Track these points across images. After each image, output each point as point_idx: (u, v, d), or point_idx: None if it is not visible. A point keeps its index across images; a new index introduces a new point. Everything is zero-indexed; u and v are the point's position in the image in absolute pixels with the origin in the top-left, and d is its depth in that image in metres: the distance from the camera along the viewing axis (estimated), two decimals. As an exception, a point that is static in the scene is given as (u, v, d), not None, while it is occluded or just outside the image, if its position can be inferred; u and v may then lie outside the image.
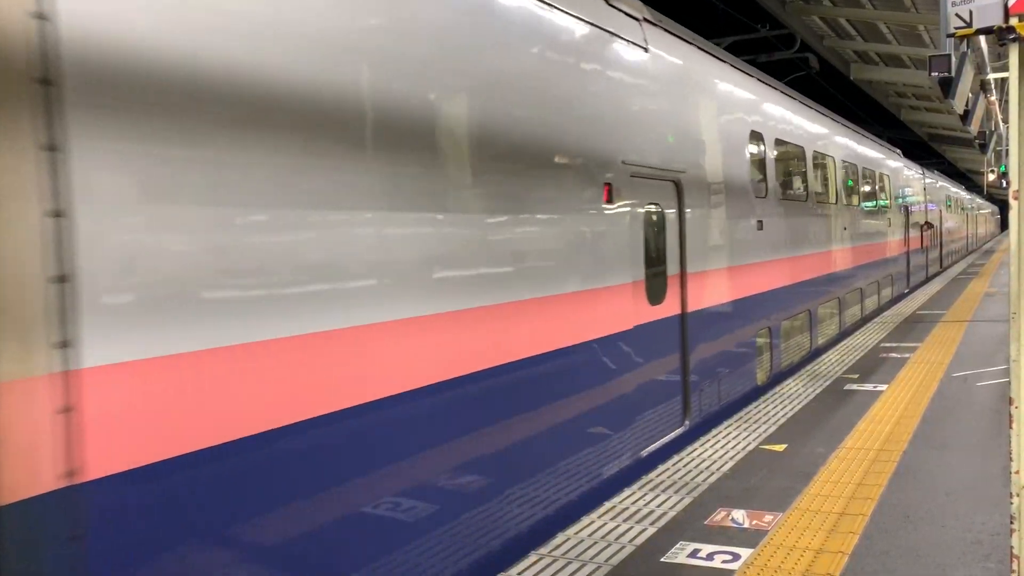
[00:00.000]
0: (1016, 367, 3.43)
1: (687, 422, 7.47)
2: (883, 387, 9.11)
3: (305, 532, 3.53)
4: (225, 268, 3.19)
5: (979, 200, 58.55)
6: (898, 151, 20.92)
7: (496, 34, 4.93)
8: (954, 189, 38.66)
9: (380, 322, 3.89)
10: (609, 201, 6.00)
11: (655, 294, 6.82)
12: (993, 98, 15.27)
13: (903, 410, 7.99)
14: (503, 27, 5.01)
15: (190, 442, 2.98)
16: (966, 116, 13.16)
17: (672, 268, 7.15)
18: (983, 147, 20.47)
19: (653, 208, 6.83)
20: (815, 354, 12.03)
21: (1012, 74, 3.14)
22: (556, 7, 5.54)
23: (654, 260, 6.79)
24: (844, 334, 14.19)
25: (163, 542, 2.91)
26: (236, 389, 3.17)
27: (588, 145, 5.77)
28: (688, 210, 7.46)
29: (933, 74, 9.56)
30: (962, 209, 41.69)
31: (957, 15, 3.24)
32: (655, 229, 6.85)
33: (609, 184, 5.99)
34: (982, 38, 9.25)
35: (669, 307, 7.05)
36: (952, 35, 3.29)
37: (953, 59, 9.48)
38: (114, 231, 2.77)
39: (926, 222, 23.93)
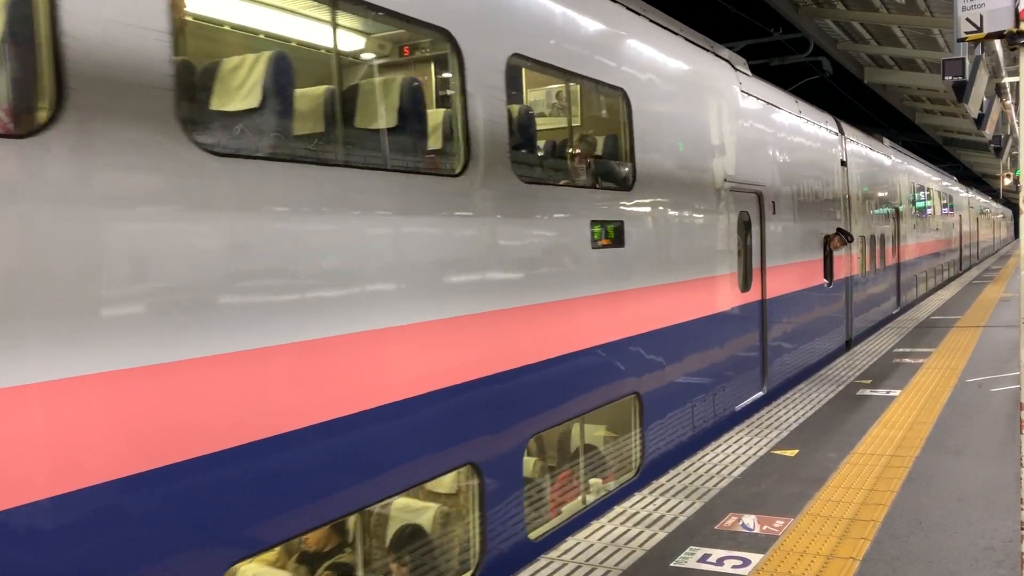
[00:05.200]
0: (1027, 372, 3.41)
1: None
2: (896, 392, 9.06)
3: None
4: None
5: (980, 199, 44.07)
6: (745, 68, 9.24)
7: None
8: (935, 177, 24.90)
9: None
10: None
11: None
12: (1008, 102, 15.16)
13: (916, 415, 7.95)
14: None
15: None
16: (980, 120, 13.06)
17: None
18: (998, 151, 20.20)
19: None
20: None
21: (1023, 78, 3.13)
22: None
23: None
24: None
25: None
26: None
27: None
28: None
29: (947, 78, 9.51)
30: (948, 209, 27.41)
31: (967, 19, 3.24)
32: None
33: None
34: (997, 41, 9.20)
35: None
36: (963, 39, 3.28)
37: (967, 63, 9.41)
38: None
39: (839, 231, 11.81)
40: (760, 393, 9.16)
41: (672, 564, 4.69)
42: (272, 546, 3.76)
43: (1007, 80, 13.40)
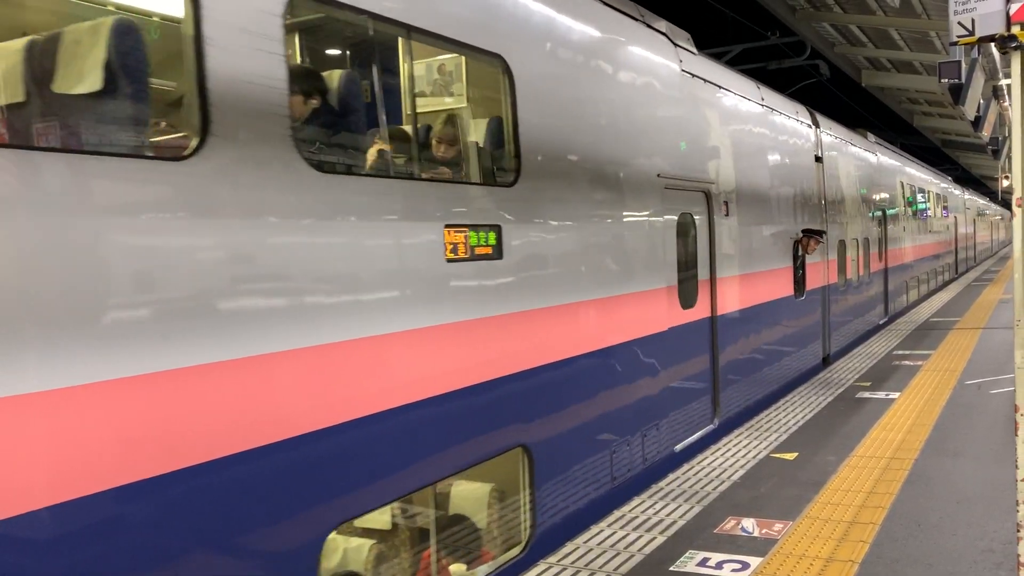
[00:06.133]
0: (1021, 374, 3.42)
1: None
2: (895, 395, 9.06)
3: None
4: None
5: (978, 200, 42.48)
6: (689, 44, 7.79)
7: None
8: (928, 177, 23.37)
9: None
10: None
11: None
12: (1006, 103, 15.19)
13: (916, 418, 7.95)
14: None
15: None
16: (977, 122, 13.09)
17: None
18: (996, 153, 20.23)
19: None
20: None
21: (1014, 82, 3.15)
22: None
23: None
24: None
25: None
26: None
27: None
28: None
29: (943, 80, 9.54)
30: (942, 209, 25.96)
31: (959, 23, 3.25)
32: None
33: None
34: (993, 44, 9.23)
35: None
36: (955, 43, 3.30)
37: (963, 65, 9.45)
38: None
39: (807, 232, 10.59)
40: (711, 426, 7.77)
41: (671, 568, 4.69)
42: None
43: (1004, 82, 13.42)
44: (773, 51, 18.04)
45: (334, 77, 4.18)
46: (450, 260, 4.39)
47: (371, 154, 4.35)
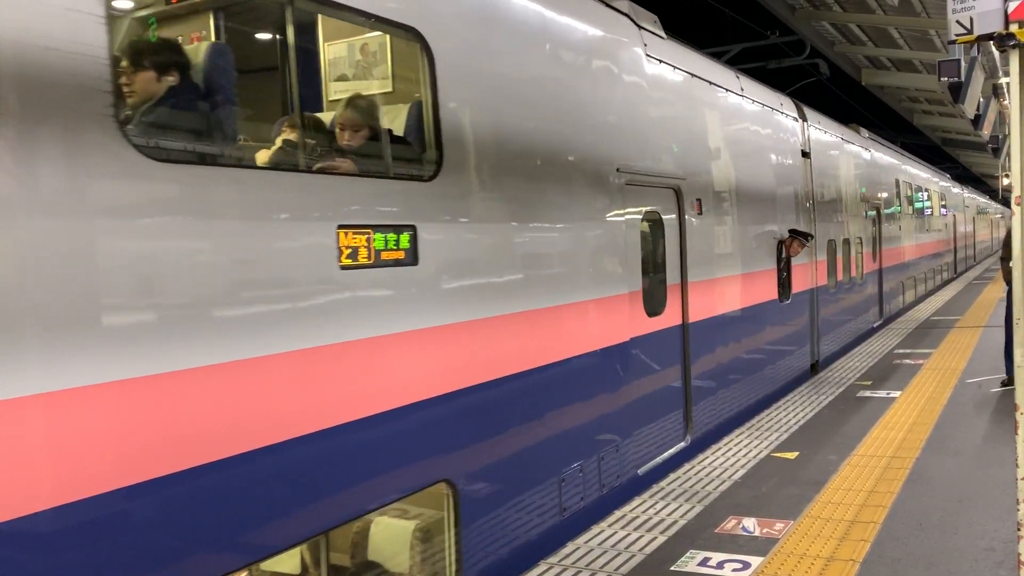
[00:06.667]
0: (1021, 372, 3.42)
1: None
2: (896, 393, 9.06)
3: None
4: None
5: (978, 198, 41.02)
6: (656, 27, 7.11)
7: None
8: (926, 174, 22.56)
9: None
10: None
11: None
12: (1006, 102, 15.19)
13: (916, 416, 7.95)
14: None
15: None
16: (977, 121, 13.09)
17: None
18: (996, 151, 20.24)
19: None
20: None
21: (1013, 80, 3.15)
22: None
23: None
24: None
25: None
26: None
27: None
28: None
29: (942, 79, 9.55)
30: (941, 208, 24.90)
31: (958, 22, 3.26)
32: None
33: None
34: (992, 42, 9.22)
35: None
36: (953, 42, 3.31)
37: (962, 64, 9.45)
38: None
39: (793, 233, 10.02)
40: (682, 444, 7.05)
41: (672, 568, 4.69)
42: None
43: (1004, 81, 13.42)
44: (773, 50, 18.09)
45: (199, 51, 3.59)
46: (346, 267, 3.70)
47: (237, 141, 3.74)
